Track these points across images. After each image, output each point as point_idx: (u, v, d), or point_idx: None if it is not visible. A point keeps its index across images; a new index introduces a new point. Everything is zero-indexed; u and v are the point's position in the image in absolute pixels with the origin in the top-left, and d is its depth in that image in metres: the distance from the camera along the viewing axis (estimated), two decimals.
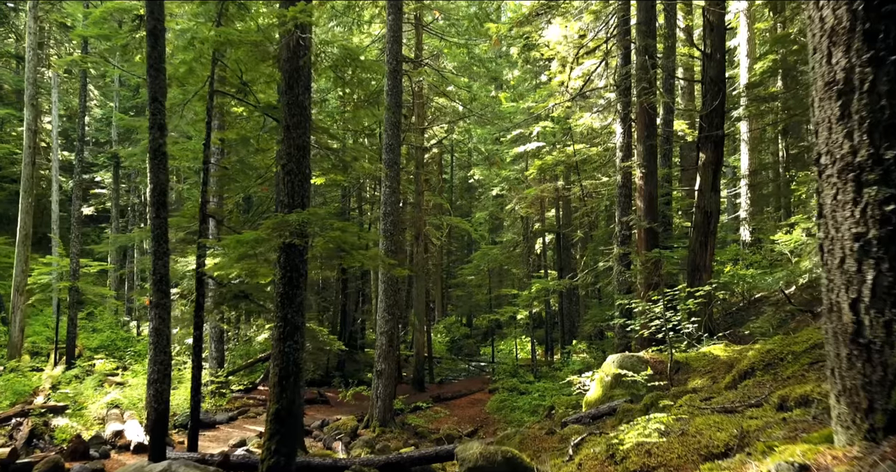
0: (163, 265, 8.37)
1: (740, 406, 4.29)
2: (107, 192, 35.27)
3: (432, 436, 14.93)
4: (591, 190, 23.37)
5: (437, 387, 22.80)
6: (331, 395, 19.57)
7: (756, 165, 23.90)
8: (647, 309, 9.02)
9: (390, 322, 14.54)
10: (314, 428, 14.18)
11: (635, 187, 13.55)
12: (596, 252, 21.30)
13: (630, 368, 8.56)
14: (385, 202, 14.75)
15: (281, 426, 6.78)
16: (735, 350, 8.52)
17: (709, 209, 12.41)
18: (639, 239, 12.95)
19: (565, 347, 23.04)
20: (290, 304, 6.99)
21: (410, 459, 8.38)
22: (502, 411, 17.41)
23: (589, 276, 14.45)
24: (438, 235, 27.56)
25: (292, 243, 6.84)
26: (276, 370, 6.90)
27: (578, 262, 27.73)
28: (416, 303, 22.24)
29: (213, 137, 11.70)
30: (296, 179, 7.11)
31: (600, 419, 7.94)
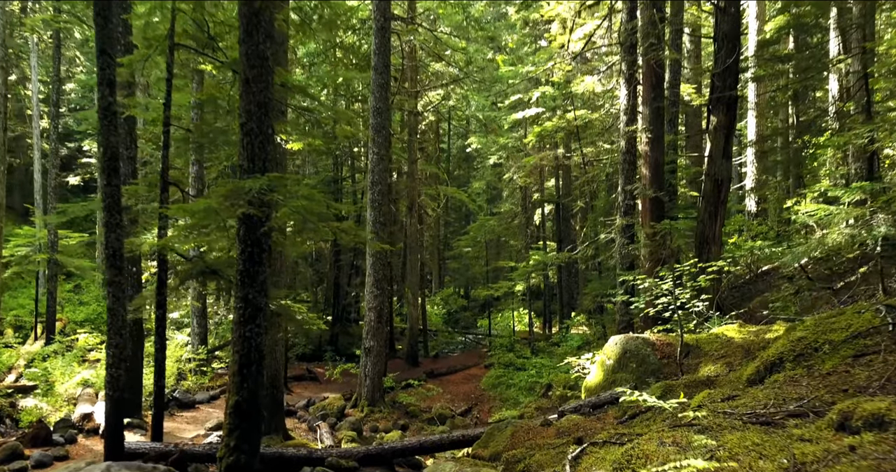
0: (116, 239, 7.51)
1: (779, 415, 3.47)
2: (94, 161, 34.23)
3: (424, 416, 14.28)
4: (593, 158, 22.40)
5: (431, 362, 22.17)
6: (320, 371, 18.93)
7: (764, 131, 22.89)
8: (653, 286, 8.20)
9: (379, 297, 13.76)
10: (299, 408, 13.50)
11: (640, 154, 12.63)
12: (596, 223, 20.45)
13: (634, 351, 7.78)
14: (372, 170, 13.83)
15: (242, 419, 6.01)
16: (751, 332, 7.72)
17: (719, 177, 11.52)
18: (643, 209, 12.08)
19: (564, 321, 22.35)
20: (251, 283, 6.15)
21: (392, 450, 7.65)
22: (498, 388, 16.76)
23: (589, 249, 13.63)
24: (434, 205, 26.66)
25: (251, 213, 5.97)
26: (235, 358, 6.09)
27: (578, 233, 26.90)
28: (411, 276, 21.46)
29: (187, 97, 10.75)
30: (256, 141, 6.21)
31: (601, 408, 7.18)
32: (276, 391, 10.80)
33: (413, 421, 13.88)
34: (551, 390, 14.86)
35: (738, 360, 6.81)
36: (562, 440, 6.09)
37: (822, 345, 4.72)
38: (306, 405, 13.75)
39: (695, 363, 7.31)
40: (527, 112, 22.05)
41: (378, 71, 13.80)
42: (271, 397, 10.76)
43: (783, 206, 21.41)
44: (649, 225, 11.58)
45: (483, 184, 30.42)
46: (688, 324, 9.02)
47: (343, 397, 14.93)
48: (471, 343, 28.16)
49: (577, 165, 24.38)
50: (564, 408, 7.32)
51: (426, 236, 36.33)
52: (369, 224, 13.84)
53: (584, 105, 21.67)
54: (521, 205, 27.71)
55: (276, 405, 10.85)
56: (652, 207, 11.86)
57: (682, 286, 8.16)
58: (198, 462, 7.83)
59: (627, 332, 11.95)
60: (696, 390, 5.98)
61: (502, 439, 6.71)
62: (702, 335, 7.95)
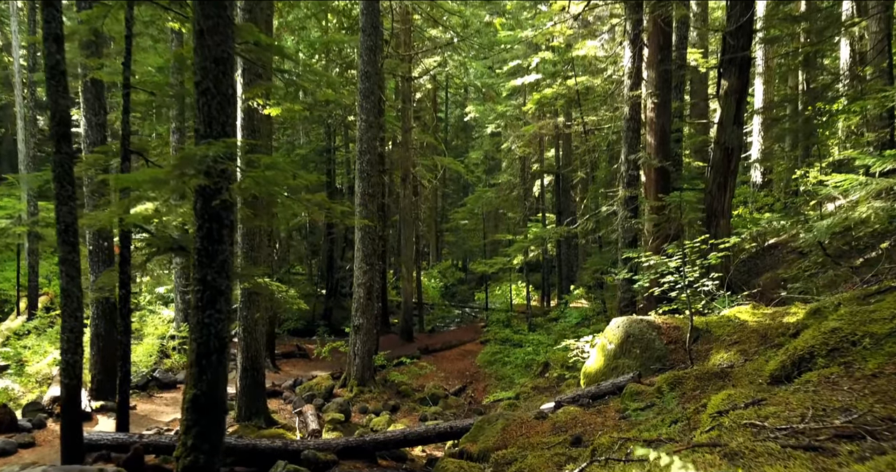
0: (68, 212, 6.80)
1: (823, 434, 2.81)
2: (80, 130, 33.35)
3: (416, 395, 13.74)
4: (594, 127, 21.52)
5: (426, 337, 21.64)
6: (311, 347, 18.38)
7: (772, 98, 21.98)
8: (659, 264, 7.52)
9: (369, 273, 13.09)
10: (285, 388, 12.94)
11: (645, 121, 11.84)
12: (597, 195, 19.70)
13: (638, 335, 7.13)
14: (361, 138, 13.04)
15: (200, 416, 5.37)
16: (766, 314, 7.06)
17: (730, 145, 10.76)
18: (648, 180, 11.34)
19: (562, 295, 21.77)
20: (209, 262, 5.45)
21: (374, 442, 7.05)
22: (493, 365, 16.23)
23: (590, 222, 12.92)
24: (430, 176, 25.86)
25: (207, 185, 5.25)
26: (193, 347, 5.44)
27: (578, 205, 26.16)
28: (405, 249, 20.79)
29: (157, 59, 9.92)
30: (213, 102, 5.45)
31: (602, 398, 6.56)
32: (257, 373, 10.22)
33: (405, 401, 13.35)
34: (549, 370, 14.32)
35: (753, 347, 6.16)
36: (558, 437, 5.47)
37: (862, 338, 4.05)
38: (293, 385, 13.19)
39: (705, 350, 6.66)
40: (526, 79, 21.12)
41: (366, 33, 12.91)
42: (252, 379, 10.19)
43: (792, 176, 20.70)
44: (655, 197, 10.86)
45: (481, 154, 29.54)
46: (695, 304, 8.36)
47: (332, 376, 14.38)
48: (468, 317, 27.66)
49: (577, 134, 23.51)
50: (561, 398, 6.70)
51: (423, 207, 35.57)
52: (358, 196, 13.11)
53: (585, 72, 20.72)
54: (519, 176, 26.90)
55: (258, 388, 10.27)
56: (657, 177, 11.12)
57: (690, 264, 7.48)
58: (166, 454, 7.25)
59: (629, 311, 11.33)
60: (708, 383, 5.34)
61: (493, 433, 6.10)
62: (712, 318, 7.29)
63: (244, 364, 10.11)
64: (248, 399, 10.14)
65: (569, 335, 15.37)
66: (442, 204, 42.49)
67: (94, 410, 10.35)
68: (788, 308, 6.97)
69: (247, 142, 5.06)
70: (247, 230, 9.96)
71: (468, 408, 13.22)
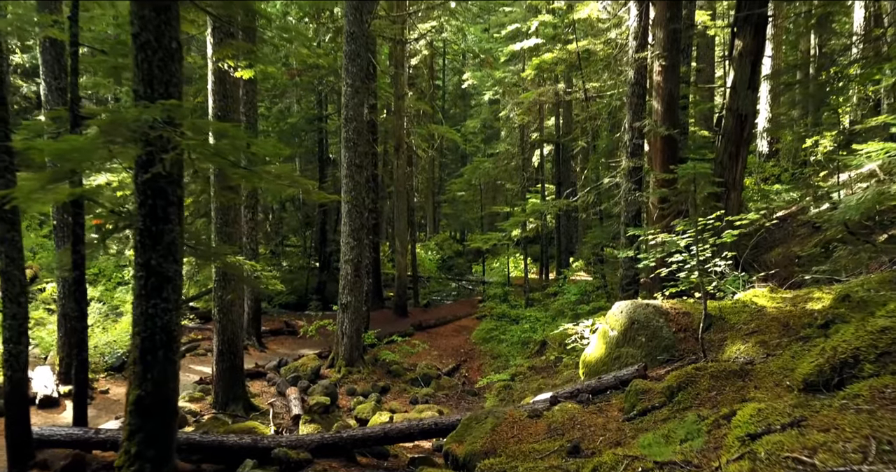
0: (4, 186, 6.05)
1: None
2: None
3: (407, 375, 13.16)
4: (595, 93, 20.58)
5: (421, 312, 21.04)
6: (301, 323, 17.77)
7: (781, 64, 20.99)
8: (668, 242, 6.80)
9: (356, 249, 12.38)
10: (269, 369, 12.33)
11: (651, 85, 11.00)
12: (598, 165, 18.88)
13: (644, 322, 6.44)
14: (346, 105, 12.19)
15: (146, 419, 4.71)
16: (786, 299, 6.36)
17: (743, 112, 9.97)
18: (653, 150, 10.55)
19: (561, 269, 21.12)
20: (153, 245, 4.73)
21: (352, 439, 6.41)
22: (489, 342, 15.64)
23: (590, 195, 12.16)
24: (426, 146, 24.98)
25: (150, 156, 4.49)
26: (136, 341, 4.75)
27: (578, 175, 25.33)
28: (398, 222, 20.04)
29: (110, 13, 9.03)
30: (154, 58, 4.66)
31: (603, 393, 5.90)
32: (234, 357, 9.58)
33: (395, 382, 12.77)
34: (546, 348, 13.73)
35: (774, 337, 5.48)
36: (554, 443, 4.82)
37: None
38: (278, 366, 12.58)
39: (718, 339, 5.98)
40: (525, 43, 20.12)
41: None
42: (230, 363, 9.56)
43: (802, 146, 19.85)
44: (661, 168, 10.09)
45: (478, 123, 28.56)
46: (707, 287, 7.66)
47: (320, 355, 13.79)
48: (464, 291, 27.07)
49: (578, 101, 22.56)
50: (558, 392, 6.04)
51: (419, 178, 34.74)
52: (344, 167, 12.33)
53: (586, 35, 19.70)
54: (518, 145, 26.00)
55: (236, 372, 9.65)
56: (664, 146, 10.33)
57: (702, 242, 6.75)
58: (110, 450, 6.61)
59: (631, 289, 10.65)
60: (725, 383, 4.66)
61: (481, 433, 5.45)
62: (725, 303, 6.59)
63: (220, 347, 9.46)
64: (226, 385, 9.53)
65: (567, 313, 14.76)
66: (439, 174, 41.59)
67: (62, 395, 9.73)
68: (811, 292, 6.27)
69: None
70: (220, 204, 9.21)
71: (461, 389, 12.65)
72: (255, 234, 14.72)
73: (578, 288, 15.89)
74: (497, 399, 11.21)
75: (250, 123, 14.24)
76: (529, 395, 10.53)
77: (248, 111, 14.11)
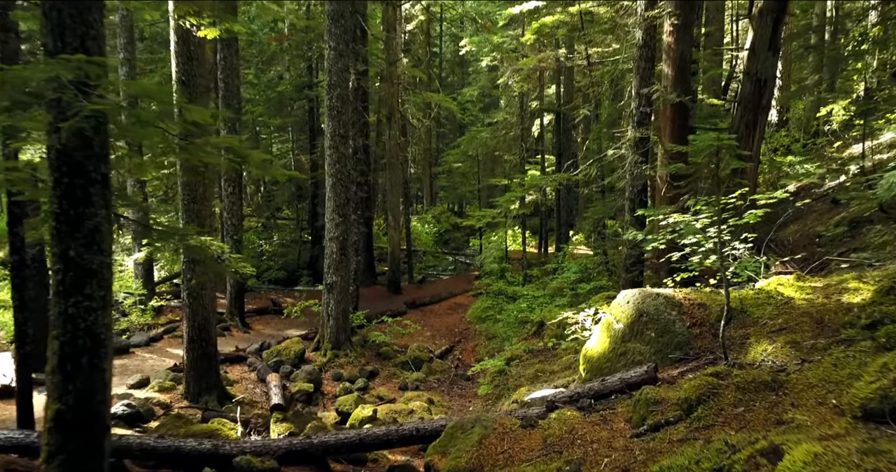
0: None
1: None
2: None
3: (398, 358, 12.50)
4: (599, 59, 19.53)
5: (416, 288, 20.35)
6: (290, 301, 17.07)
7: (794, 28, 19.90)
8: (680, 222, 6.00)
9: (342, 226, 11.58)
10: (251, 353, 11.65)
11: (661, 47, 10.07)
12: (601, 135, 17.96)
13: (654, 315, 5.69)
14: (330, 70, 11.27)
15: (68, 438, 3.98)
16: (815, 288, 5.59)
17: (763, 76, 9.09)
18: (663, 118, 9.69)
19: (561, 245, 20.35)
20: (72, 232, 3.93)
21: (324, 446, 5.71)
22: (485, 322, 14.95)
23: (593, 168, 11.29)
24: (421, 115, 23.96)
25: (67, 125, 3.67)
26: (55, 347, 4.00)
27: (580, 146, 24.41)
28: (391, 195, 19.21)
29: None
30: (66, 5, 3.81)
31: (607, 398, 5.16)
32: (206, 344, 8.86)
33: (385, 365, 12.11)
34: (544, 330, 13.03)
35: (807, 337, 4.72)
36: (549, 464, 4.13)
37: None
38: (260, 349, 11.89)
39: (740, 337, 5.23)
40: (524, 5, 18.95)
41: None
42: (201, 351, 8.85)
43: (817, 114, 18.90)
44: (671, 138, 9.25)
45: (476, 90, 27.44)
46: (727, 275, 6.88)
47: (307, 336, 13.11)
48: (461, 266, 26.35)
49: (580, 68, 21.53)
50: (556, 397, 5.31)
51: (415, 149, 33.76)
52: (328, 137, 11.46)
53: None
54: (517, 115, 24.98)
55: (209, 360, 8.94)
56: (674, 115, 9.46)
57: (721, 223, 5.95)
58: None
59: (636, 270, 9.89)
60: (755, 398, 3.92)
61: (467, 446, 4.73)
62: (746, 293, 5.83)
63: (191, 334, 8.74)
64: (197, 374, 8.83)
65: (566, 292, 14.03)
66: (437, 145, 40.54)
67: None
68: (844, 281, 5.49)
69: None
70: (188, 179, 8.39)
71: (454, 374, 12.00)
72: (238, 208, 13.91)
73: (578, 265, 15.14)
74: (491, 386, 10.54)
75: (230, 90, 13.31)
76: (526, 384, 9.86)
77: (226, 77, 13.18)
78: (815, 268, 7.57)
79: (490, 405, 9.85)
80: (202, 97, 8.40)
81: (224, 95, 13.28)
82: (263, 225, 27.89)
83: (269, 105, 21.86)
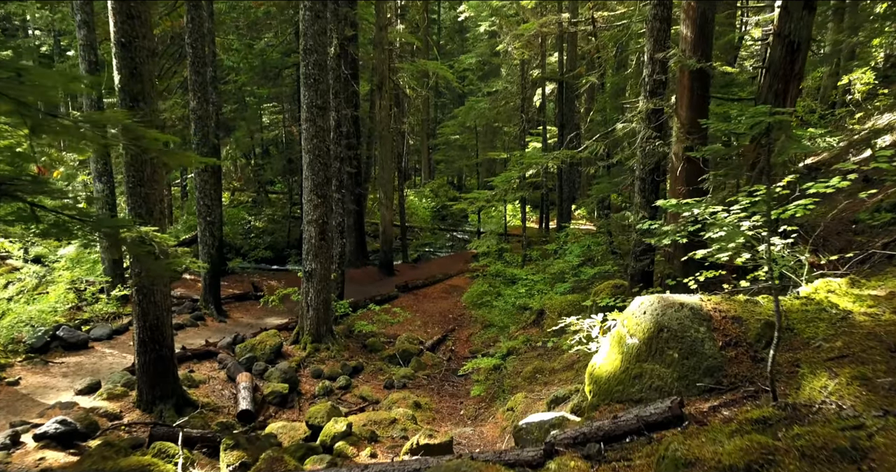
0: None
1: None
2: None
3: (385, 350, 11.54)
4: (604, 24, 18.16)
5: (409, 268, 19.32)
6: (275, 284, 16.05)
7: None
8: (711, 214, 4.91)
9: (321, 207, 10.48)
10: (222, 347, 10.64)
11: (678, 4, 8.83)
12: (606, 106, 16.69)
13: (677, 330, 4.62)
14: (305, 33, 10.03)
15: None
16: (879, 299, 4.51)
17: (796, 38, 7.87)
18: (680, 88, 8.48)
19: (563, 224, 19.24)
20: None
21: None
22: (482, 307, 13.92)
23: (599, 144, 10.11)
24: (414, 83, 22.64)
25: None
26: None
27: (583, 117, 23.10)
28: (382, 170, 18.05)
29: None
30: None
31: (620, 441, 4.12)
32: (160, 346, 7.83)
33: (370, 359, 11.14)
34: (544, 319, 12.03)
35: (880, 369, 3.65)
36: None
37: None
38: (233, 343, 10.87)
39: (787, 364, 4.16)
40: None
41: None
42: (155, 354, 7.82)
43: (837, 83, 17.58)
44: (691, 109, 8.08)
45: (473, 57, 26.01)
46: (759, 274, 5.79)
47: (287, 326, 12.11)
48: (459, 243, 25.30)
49: (584, 34, 20.17)
50: (557, 438, 4.27)
51: (413, 119, 32.42)
52: (304, 109, 10.29)
53: None
54: (518, 83, 23.62)
55: (164, 363, 7.92)
56: (693, 83, 8.25)
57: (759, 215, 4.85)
58: None
59: (647, 259, 8.83)
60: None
61: None
62: (791, 302, 4.73)
63: (142, 336, 7.70)
64: (151, 380, 7.82)
65: (568, 278, 12.98)
66: (435, 115, 39.20)
67: None
68: None
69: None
70: (132, 158, 7.27)
71: (445, 368, 11.03)
72: (211, 187, 12.78)
73: (581, 248, 14.06)
74: (485, 386, 9.56)
75: (198, 56, 12.09)
76: (523, 385, 8.85)
77: (194, 42, 11.93)
78: (855, 262, 6.48)
79: (483, 409, 8.89)
80: (146, 63, 7.21)
81: (192, 61, 12.05)
82: (253, 200, 26.77)
83: (254, 74, 20.51)
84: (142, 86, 7.28)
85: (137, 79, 7.24)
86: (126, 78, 7.19)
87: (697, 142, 8.10)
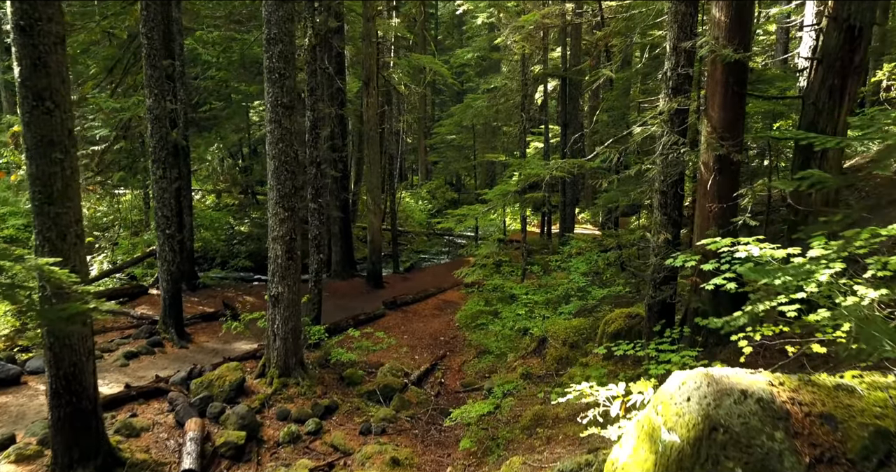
0: None
1: None
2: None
3: (364, 385, 10.14)
4: (612, 15, 16.70)
5: (400, 280, 17.90)
6: (250, 300, 14.64)
7: None
8: (773, 262, 3.51)
9: (287, 222, 9.07)
10: (174, 384, 9.23)
11: None
12: (616, 104, 15.21)
13: (740, 432, 3.20)
14: (268, 20, 8.60)
15: None
16: None
17: (856, 22, 6.49)
18: (711, 82, 7.04)
19: (566, 233, 17.81)
20: None
21: None
22: (476, 331, 12.49)
23: (612, 151, 8.66)
24: (408, 80, 21.20)
25: None
26: None
27: (588, 115, 21.64)
28: (370, 174, 16.62)
29: None
30: None
31: None
32: (79, 398, 6.43)
33: (347, 395, 9.73)
34: (546, 348, 10.65)
35: None
36: None
37: None
38: (188, 377, 9.43)
39: None
40: None
41: None
42: (73, 407, 6.42)
43: (870, 80, 16.11)
44: (724, 109, 6.66)
45: (471, 53, 24.55)
46: (828, 328, 4.37)
47: (257, 353, 10.71)
48: (455, 250, 23.88)
49: (589, 26, 18.73)
50: None
51: (409, 117, 30.99)
52: (269, 108, 8.87)
53: None
54: (518, 80, 22.15)
55: (84, 418, 6.52)
56: (728, 78, 6.80)
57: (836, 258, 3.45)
58: None
59: (669, 290, 7.40)
60: None
61: None
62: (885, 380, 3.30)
63: (55, 387, 6.30)
64: (68, 439, 6.42)
65: (573, 299, 11.54)
66: (433, 113, 37.80)
67: None
68: None
69: None
70: (37, 169, 5.87)
71: (432, 408, 9.61)
72: (170, 196, 11.37)
73: (587, 262, 12.63)
74: (476, 438, 8.12)
75: (154, 48, 10.67)
76: (521, 441, 7.45)
77: (149, 31, 10.52)
78: None
79: (473, 467, 7.47)
80: (53, 52, 5.80)
81: (147, 53, 10.63)
82: (239, 204, 25.36)
83: (235, 69, 19.06)
84: (49, 80, 5.87)
85: (43, 72, 5.83)
86: (28, 70, 5.79)
87: (733, 149, 6.68)
